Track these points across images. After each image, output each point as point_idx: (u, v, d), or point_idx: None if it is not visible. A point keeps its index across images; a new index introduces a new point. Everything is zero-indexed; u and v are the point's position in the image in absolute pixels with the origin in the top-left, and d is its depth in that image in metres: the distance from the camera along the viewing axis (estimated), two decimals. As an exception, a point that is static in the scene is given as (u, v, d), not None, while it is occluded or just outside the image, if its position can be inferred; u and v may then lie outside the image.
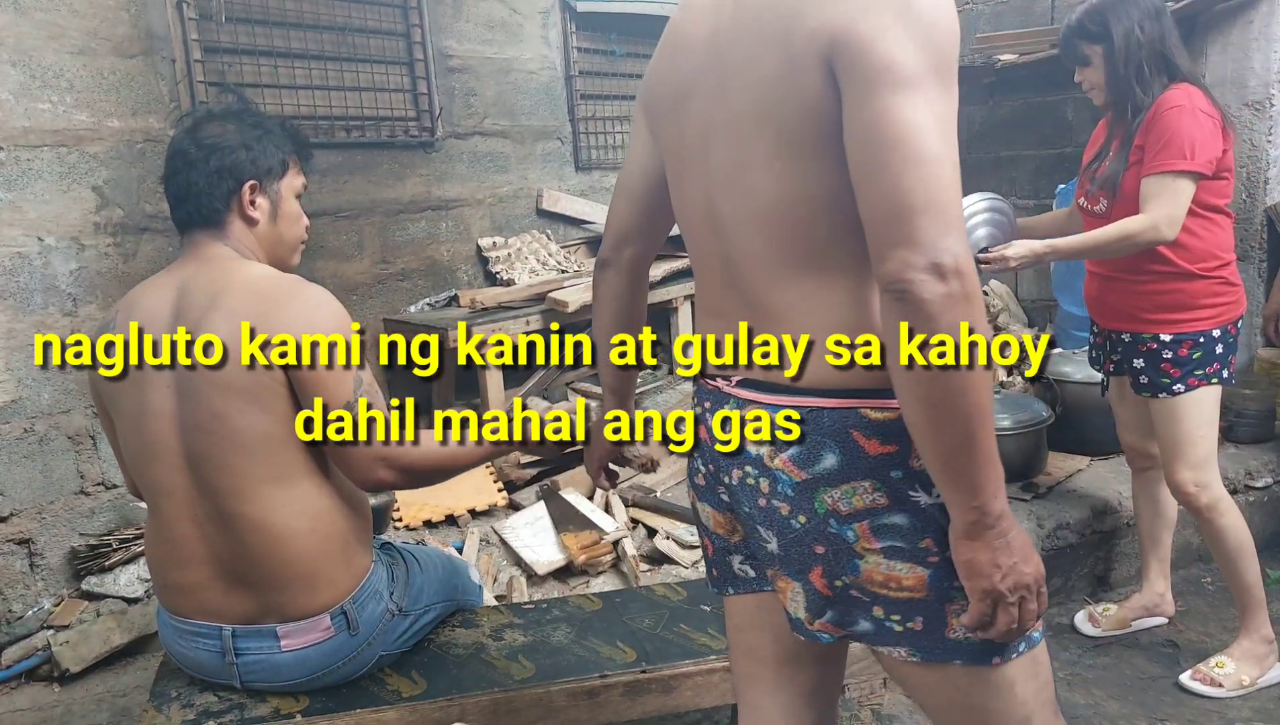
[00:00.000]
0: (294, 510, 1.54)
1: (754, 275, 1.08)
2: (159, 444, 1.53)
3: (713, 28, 1.08)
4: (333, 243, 3.46)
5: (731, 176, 1.07)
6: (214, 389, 1.48)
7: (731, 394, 1.13)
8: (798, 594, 1.11)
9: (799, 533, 1.07)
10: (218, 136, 1.59)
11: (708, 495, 1.23)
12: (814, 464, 1.03)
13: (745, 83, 1.02)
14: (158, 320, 1.54)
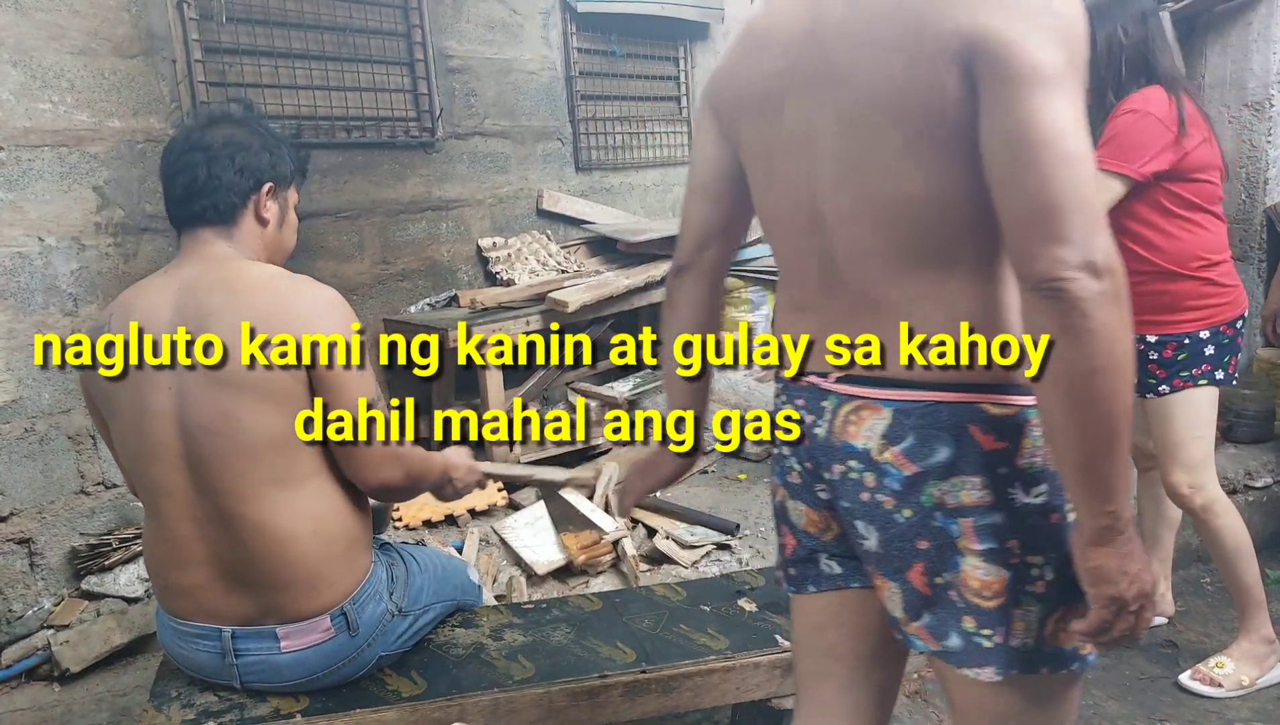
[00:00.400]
0: (297, 512, 1.54)
1: (865, 271, 1.08)
2: (158, 445, 1.52)
3: (810, 26, 1.08)
4: (333, 243, 3.47)
5: (845, 173, 1.06)
6: (226, 388, 1.48)
7: (831, 390, 1.13)
8: (895, 594, 1.11)
9: (902, 527, 1.07)
10: (240, 136, 1.61)
11: (803, 493, 1.23)
12: (926, 457, 1.04)
13: (865, 81, 1.01)
14: (158, 320, 1.53)
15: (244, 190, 1.60)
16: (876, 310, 1.08)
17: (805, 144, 1.10)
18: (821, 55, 1.06)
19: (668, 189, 4.94)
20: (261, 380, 1.48)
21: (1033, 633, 1.05)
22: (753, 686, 1.79)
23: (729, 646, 1.80)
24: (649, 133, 4.81)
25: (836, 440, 1.12)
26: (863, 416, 1.09)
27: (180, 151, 1.60)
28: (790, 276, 1.23)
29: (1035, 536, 1.04)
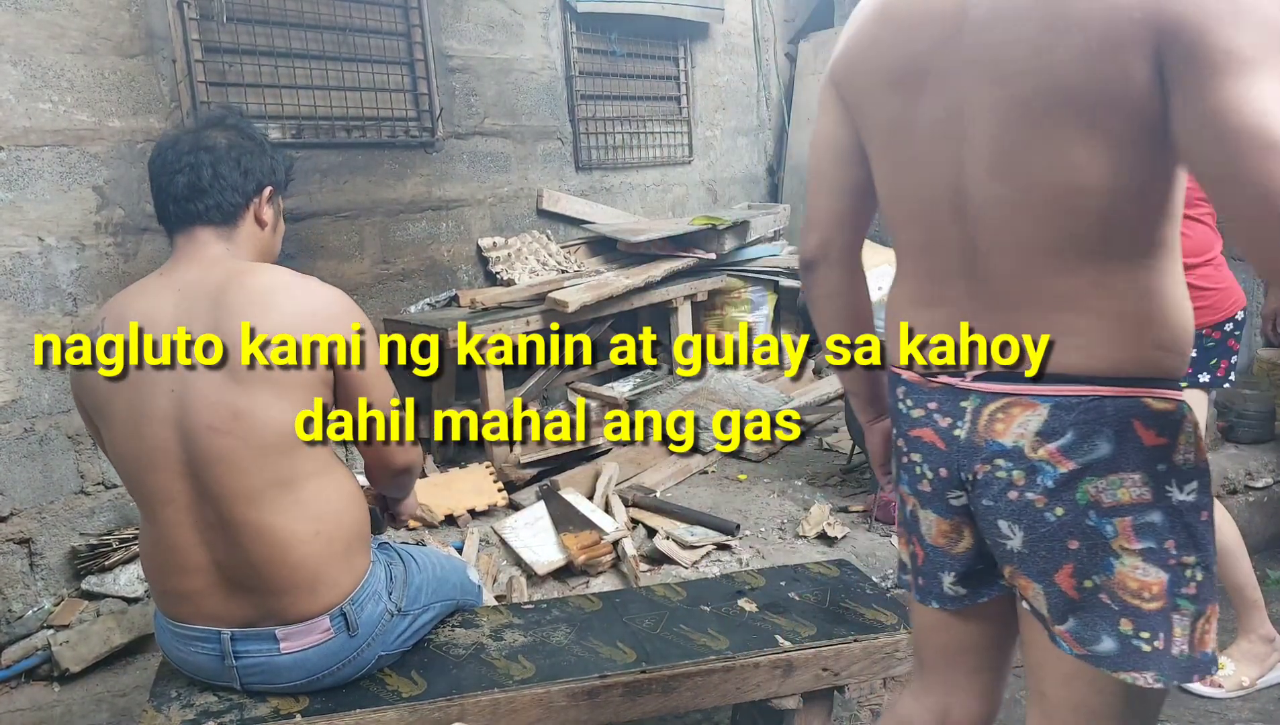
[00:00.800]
0: (299, 514, 1.54)
1: (1018, 264, 1.05)
2: (158, 450, 1.51)
3: (959, 9, 1.03)
4: (333, 243, 3.47)
5: (1004, 162, 1.02)
6: (239, 387, 1.47)
7: (971, 389, 1.11)
8: (1039, 595, 1.09)
9: (1052, 527, 1.05)
10: (241, 139, 1.63)
11: (933, 502, 1.20)
12: (1086, 453, 1.01)
13: (1031, 67, 0.97)
14: (159, 322, 1.52)
15: (247, 192, 1.62)
16: (1029, 304, 1.05)
17: (951, 130, 1.06)
18: (977, 39, 1.02)
19: (667, 189, 4.94)
20: (278, 377, 1.48)
21: (1187, 638, 1.03)
22: (753, 686, 1.78)
23: (729, 647, 1.80)
24: (649, 132, 4.81)
25: (980, 439, 1.09)
26: (1013, 413, 1.06)
27: (184, 150, 1.60)
28: (917, 269, 1.19)
29: (1190, 535, 1.02)
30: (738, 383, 4.12)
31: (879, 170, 1.20)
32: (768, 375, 4.39)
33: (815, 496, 3.15)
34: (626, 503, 3.05)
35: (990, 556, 1.19)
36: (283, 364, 1.47)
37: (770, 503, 3.13)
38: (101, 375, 1.54)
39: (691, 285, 4.23)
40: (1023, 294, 1.05)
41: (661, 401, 3.88)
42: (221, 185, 1.58)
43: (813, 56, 5.42)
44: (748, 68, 5.37)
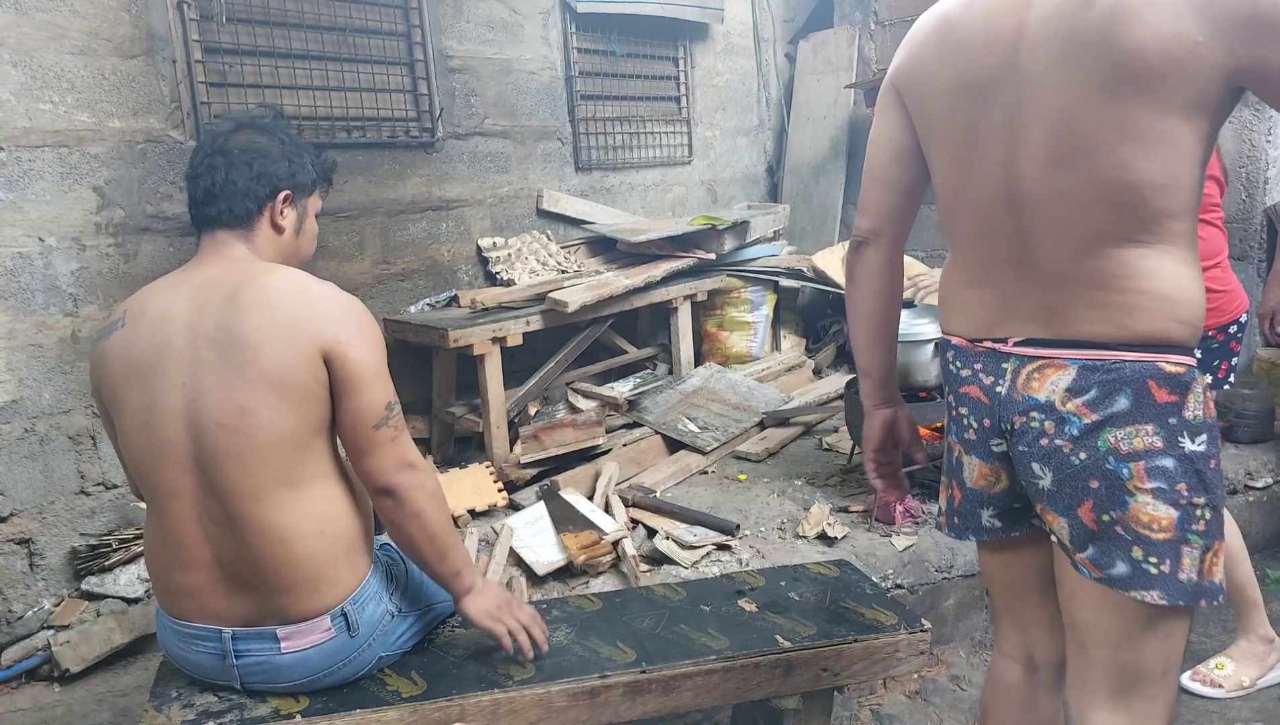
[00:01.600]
0: (304, 513, 1.55)
1: (1061, 248, 1.22)
2: (167, 444, 1.52)
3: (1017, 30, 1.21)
4: (333, 243, 3.47)
5: (1057, 162, 1.19)
6: (246, 384, 1.48)
7: (1011, 353, 1.30)
8: (1063, 527, 1.28)
9: (1076, 468, 1.23)
10: (261, 144, 1.63)
11: (977, 448, 1.39)
12: (1106, 407, 1.21)
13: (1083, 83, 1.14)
14: (174, 317, 1.54)
15: (259, 196, 1.62)
16: (1069, 282, 1.23)
17: (1008, 135, 1.24)
18: (1032, 57, 1.19)
19: (667, 189, 4.94)
20: (283, 378, 1.49)
21: (1196, 567, 1.20)
22: (753, 686, 1.79)
23: (729, 647, 1.80)
24: (649, 133, 4.81)
25: (1019, 395, 1.29)
26: (1046, 373, 1.26)
27: (205, 154, 1.63)
28: (970, 256, 1.36)
29: (1200, 480, 1.20)
30: (738, 383, 4.13)
31: (939, 169, 1.37)
32: (768, 375, 4.39)
33: (815, 496, 3.15)
34: (626, 503, 3.05)
35: (1024, 496, 1.39)
36: (282, 365, 1.49)
37: (770, 503, 3.13)
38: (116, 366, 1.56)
39: (691, 285, 4.24)
40: (1064, 274, 1.23)
41: (661, 401, 3.88)
42: (232, 190, 1.60)
43: (812, 56, 5.42)
44: (747, 68, 5.37)
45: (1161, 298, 1.18)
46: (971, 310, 1.37)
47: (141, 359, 1.54)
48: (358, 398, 1.54)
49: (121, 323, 1.59)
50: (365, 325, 1.57)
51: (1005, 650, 1.56)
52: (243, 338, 1.49)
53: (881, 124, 1.44)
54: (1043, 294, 1.26)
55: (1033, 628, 1.51)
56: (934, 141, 1.36)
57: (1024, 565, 1.47)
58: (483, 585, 1.71)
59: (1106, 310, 1.20)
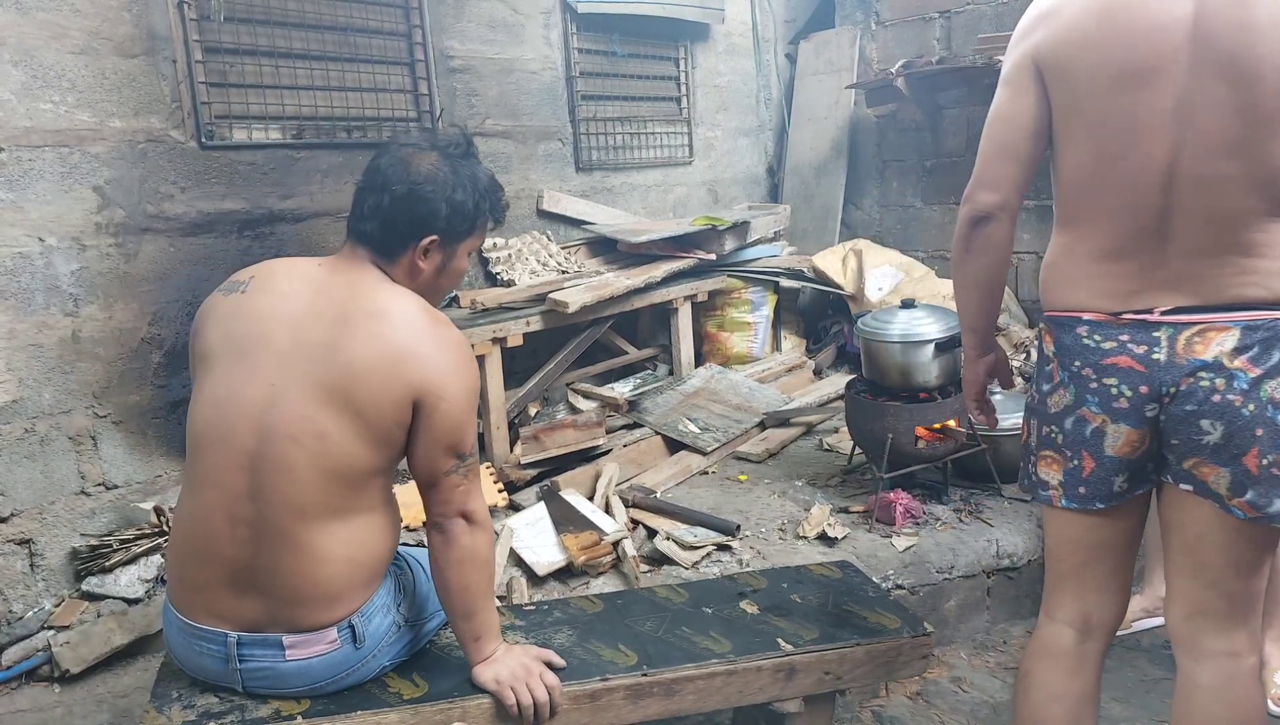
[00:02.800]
0: (341, 539, 1.54)
1: (1218, 222, 1.36)
2: (232, 436, 1.50)
3: (1196, 19, 1.31)
4: (334, 243, 3.46)
5: (1231, 146, 1.32)
6: (330, 408, 1.47)
7: (1163, 321, 1.41)
8: (1222, 477, 1.40)
9: (1246, 419, 1.36)
10: (430, 179, 1.59)
11: (1128, 416, 1.45)
12: (1266, 361, 1.35)
13: (1270, 74, 1.27)
14: (288, 314, 1.53)
15: (407, 237, 1.60)
16: (1220, 253, 1.37)
17: (1178, 119, 1.34)
18: (1210, 48, 1.30)
19: (668, 189, 4.94)
20: (369, 415, 1.48)
21: None
22: (755, 690, 1.78)
23: (731, 650, 1.80)
24: (649, 133, 4.81)
25: (1181, 359, 1.39)
26: (1209, 337, 1.37)
27: (379, 167, 1.60)
28: (1106, 230, 1.44)
29: None
30: (738, 383, 4.12)
31: (1079, 146, 1.45)
32: (768, 375, 4.39)
33: (816, 497, 3.15)
34: (627, 503, 3.05)
35: (1156, 457, 1.49)
36: (372, 402, 1.48)
37: (771, 503, 3.13)
38: (217, 328, 1.55)
39: (692, 286, 4.23)
40: (1215, 246, 1.37)
41: (662, 402, 3.88)
42: (383, 223, 1.59)
43: (813, 57, 5.42)
44: (748, 68, 5.37)
45: None
46: (1105, 282, 1.45)
47: (242, 338, 1.53)
48: (436, 446, 1.53)
49: (243, 288, 1.58)
50: (463, 374, 1.55)
51: (1058, 616, 1.62)
52: (343, 362, 1.48)
53: (1018, 99, 1.48)
54: (1184, 265, 1.39)
55: (1098, 592, 1.59)
56: (1079, 120, 1.43)
57: (1118, 529, 1.56)
58: (502, 654, 1.67)
59: (1258, 275, 1.36)
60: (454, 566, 1.59)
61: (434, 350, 1.52)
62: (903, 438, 2.89)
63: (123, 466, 2.91)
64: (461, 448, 1.56)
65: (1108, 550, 1.58)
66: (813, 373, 4.61)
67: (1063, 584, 1.62)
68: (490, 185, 1.68)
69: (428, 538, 1.63)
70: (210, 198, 3.08)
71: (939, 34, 4.80)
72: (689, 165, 5.04)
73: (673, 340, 4.27)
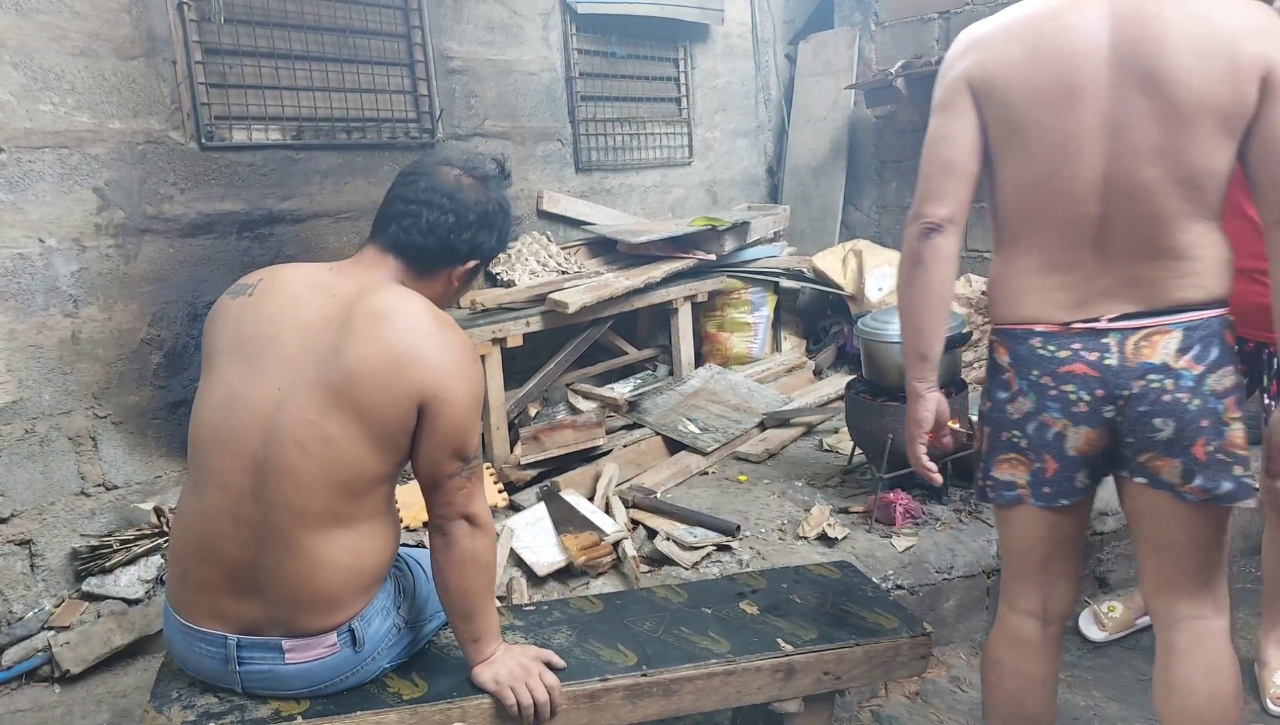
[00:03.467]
0: (343, 546, 1.54)
1: (1150, 227, 1.46)
2: (237, 437, 1.50)
3: (1112, 41, 1.43)
4: (334, 244, 3.47)
5: (1157, 152, 1.42)
6: (337, 414, 1.47)
7: (1111, 328, 1.50)
8: (1174, 468, 1.50)
9: (1193, 413, 1.47)
10: (487, 207, 1.63)
11: (1088, 419, 1.54)
12: (1206, 358, 1.46)
13: (1190, 84, 1.38)
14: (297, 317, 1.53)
15: (455, 258, 1.63)
16: (1156, 257, 1.47)
17: (1111, 132, 1.44)
18: (1130, 65, 1.42)
19: (667, 190, 4.94)
20: (374, 420, 1.48)
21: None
22: (754, 690, 1.79)
23: (730, 650, 1.80)
24: (649, 134, 4.81)
25: (1132, 362, 1.49)
26: (1154, 340, 1.47)
27: (435, 189, 1.60)
28: (1044, 242, 1.53)
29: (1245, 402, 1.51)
30: (738, 384, 4.13)
31: (1017, 164, 1.53)
32: (768, 376, 4.39)
33: (815, 497, 3.15)
34: (627, 504, 3.05)
35: (1110, 452, 1.58)
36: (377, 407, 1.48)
37: (770, 504, 3.13)
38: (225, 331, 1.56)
39: (692, 286, 4.24)
40: (1151, 251, 1.47)
41: (661, 402, 3.88)
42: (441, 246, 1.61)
43: (812, 58, 5.42)
44: (747, 69, 5.37)
45: (1224, 263, 1.48)
46: (1053, 293, 1.53)
47: (250, 340, 1.53)
48: (440, 448, 1.53)
49: (251, 291, 1.58)
50: (467, 377, 1.55)
51: (1020, 607, 1.72)
52: (346, 364, 1.47)
53: (955, 121, 1.56)
54: (1125, 271, 1.48)
55: (1057, 582, 1.69)
56: (1014, 141, 1.51)
57: (1075, 522, 1.66)
58: (502, 654, 1.67)
59: (1193, 277, 1.46)
60: (455, 568, 1.59)
61: (439, 352, 1.51)
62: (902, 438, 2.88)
63: (123, 467, 2.92)
64: (465, 450, 1.55)
65: (1066, 543, 1.67)
66: (812, 373, 4.61)
67: (1025, 578, 1.71)
68: (510, 208, 1.75)
69: (429, 539, 1.63)
70: (210, 199, 3.08)
71: (938, 34, 4.81)
72: (688, 166, 5.04)
73: (672, 341, 4.28)
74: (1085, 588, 2.95)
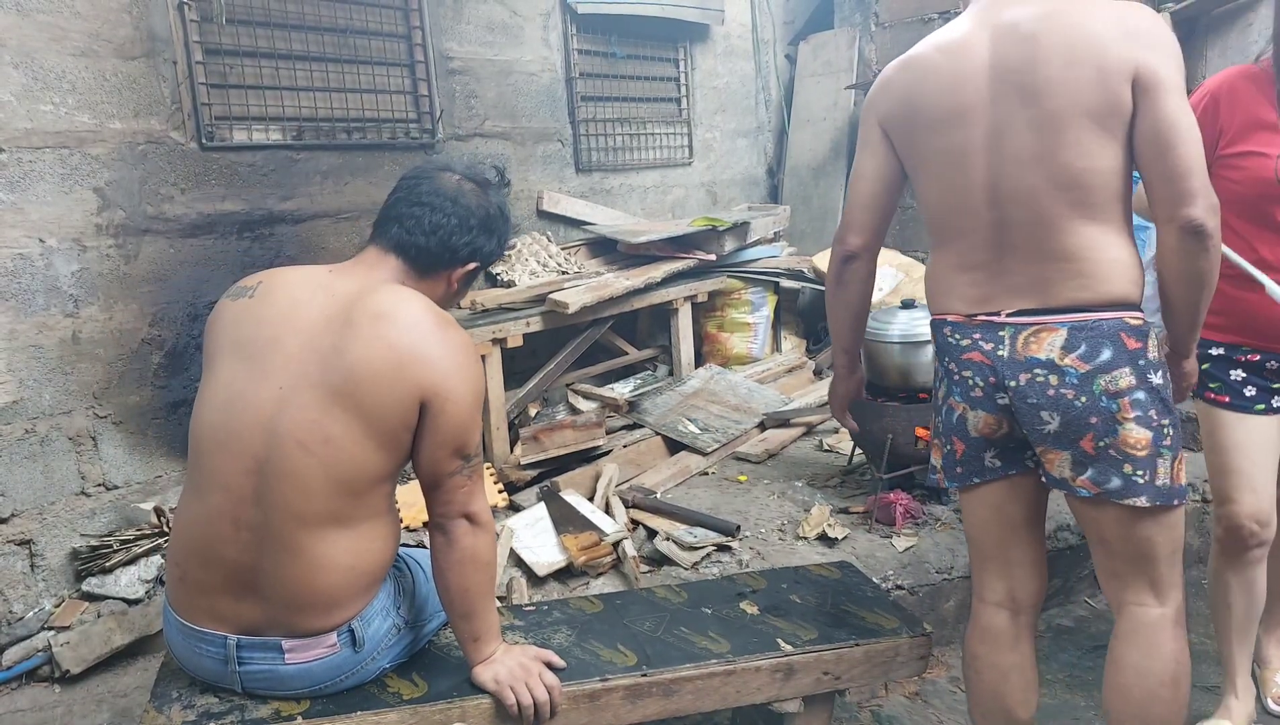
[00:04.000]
0: (344, 547, 1.54)
1: (1046, 231, 1.53)
2: (239, 439, 1.50)
3: (992, 62, 1.54)
4: (334, 245, 3.47)
5: (1037, 157, 1.51)
6: (339, 413, 1.48)
7: (1006, 322, 1.58)
8: (1064, 461, 1.58)
9: (1080, 410, 1.53)
10: (488, 212, 1.67)
11: (983, 403, 1.64)
12: (1094, 358, 1.51)
13: (1060, 90, 1.48)
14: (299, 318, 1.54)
15: (456, 260, 1.65)
16: (1047, 259, 1.53)
17: (991, 144, 1.55)
18: (1006, 80, 1.53)
19: (667, 190, 4.94)
20: (376, 419, 1.49)
21: (1168, 474, 1.53)
22: (753, 690, 1.79)
23: (730, 650, 1.80)
24: (649, 134, 4.82)
25: (1020, 356, 1.57)
26: (1041, 337, 1.55)
27: (438, 192, 1.63)
28: (957, 247, 1.65)
29: (1164, 405, 1.54)
30: (737, 384, 4.13)
31: (927, 186, 1.67)
32: (768, 376, 4.39)
33: (815, 497, 3.15)
34: (627, 504, 3.05)
35: (1019, 439, 1.66)
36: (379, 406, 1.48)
37: (770, 504, 3.13)
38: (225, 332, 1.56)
39: (692, 286, 4.24)
40: (1042, 253, 1.54)
41: (661, 403, 3.88)
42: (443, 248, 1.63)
43: (812, 58, 5.42)
44: (747, 69, 5.37)
45: (1119, 266, 1.52)
46: (965, 289, 1.64)
47: (251, 341, 1.54)
48: (442, 446, 1.54)
49: (251, 293, 1.58)
50: (468, 376, 1.55)
51: (989, 598, 1.78)
52: (349, 364, 1.48)
53: (870, 159, 1.74)
54: (1024, 271, 1.56)
55: (1016, 568, 1.75)
56: (923, 163, 1.66)
57: (1016, 506, 1.72)
58: (501, 654, 1.67)
59: (1082, 278, 1.52)
60: (455, 567, 1.60)
61: (440, 352, 1.52)
62: (902, 438, 2.89)
63: (123, 467, 2.92)
64: (467, 449, 1.56)
65: (1013, 528, 1.73)
66: (813, 373, 4.61)
67: (986, 566, 1.79)
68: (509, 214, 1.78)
69: (430, 538, 1.63)
70: (210, 199, 3.08)
71: (938, 35, 4.81)
72: (688, 166, 5.05)
73: (672, 341, 4.28)
74: (1085, 588, 2.95)
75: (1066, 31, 1.49)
